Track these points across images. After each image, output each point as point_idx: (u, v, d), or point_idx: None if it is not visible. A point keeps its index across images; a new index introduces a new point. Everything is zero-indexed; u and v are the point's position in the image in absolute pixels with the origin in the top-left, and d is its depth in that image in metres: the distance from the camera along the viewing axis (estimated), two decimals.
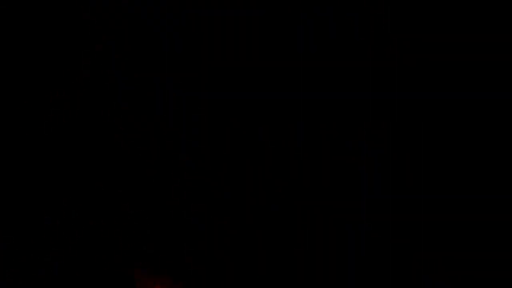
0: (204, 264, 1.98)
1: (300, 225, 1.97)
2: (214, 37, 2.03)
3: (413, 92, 1.99)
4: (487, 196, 1.94)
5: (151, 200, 2.02)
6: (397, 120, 1.99)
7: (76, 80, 2.00)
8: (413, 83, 1.99)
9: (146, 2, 2.03)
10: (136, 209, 2.02)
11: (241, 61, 2.03)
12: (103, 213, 2.01)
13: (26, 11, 2.00)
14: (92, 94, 2.02)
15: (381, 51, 2.00)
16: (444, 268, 1.92)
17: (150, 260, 1.99)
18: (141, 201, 2.02)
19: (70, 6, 2.03)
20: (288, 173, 2.00)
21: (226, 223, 1.99)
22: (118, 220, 2.01)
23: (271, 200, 1.99)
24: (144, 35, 2.04)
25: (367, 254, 1.94)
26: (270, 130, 2.02)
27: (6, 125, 2.02)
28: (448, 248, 1.93)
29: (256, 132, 2.02)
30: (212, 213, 2.00)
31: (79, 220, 2.01)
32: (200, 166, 2.02)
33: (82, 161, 2.03)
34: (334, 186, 1.98)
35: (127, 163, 2.03)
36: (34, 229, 2.00)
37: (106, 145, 2.02)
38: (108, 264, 2.00)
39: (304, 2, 2.01)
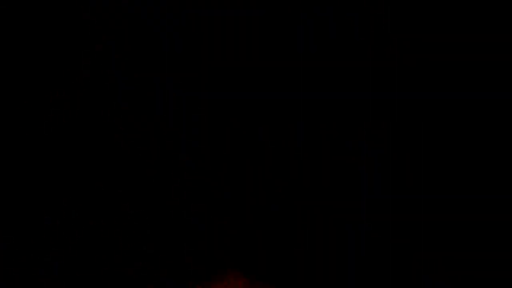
0: (204, 264, 1.98)
1: (300, 225, 1.97)
2: (214, 37, 2.03)
3: (413, 92, 1.99)
4: (487, 196, 1.94)
5: (151, 200, 2.02)
6: (397, 120, 1.99)
7: (76, 80, 2.00)
8: (413, 83, 1.99)
9: (146, 2, 2.03)
10: (136, 209, 2.02)
11: (241, 61, 2.03)
12: (103, 213, 2.01)
13: (27, 11, 2.00)
14: (92, 94, 2.02)
15: (381, 51, 2.00)
16: (444, 268, 1.92)
17: (150, 260, 1.99)
18: (141, 201, 2.02)
19: (70, 6, 2.03)
20: (288, 173, 2.00)
21: (226, 223, 1.99)
22: (118, 220, 2.01)
23: (271, 200, 1.99)
24: (144, 35, 2.04)
25: (367, 254, 1.94)
26: (270, 130, 2.02)
27: (6, 125, 2.03)
28: (448, 248, 1.93)
29: (256, 132, 2.02)
30: (212, 213, 2.00)
31: (79, 220, 2.01)
32: (200, 166, 2.02)
33: (82, 161, 2.03)
34: (334, 186, 1.99)
35: (127, 163, 2.03)
36: (34, 229, 2.00)
37: (106, 145, 2.02)
38: (108, 264, 2.00)
39: (304, 2, 2.01)
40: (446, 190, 1.95)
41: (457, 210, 1.94)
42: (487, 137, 1.96)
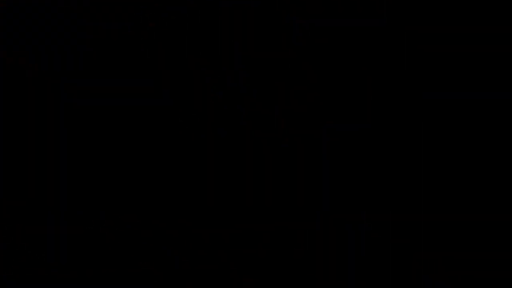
0: (204, 264, 1.98)
1: (300, 225, 1.97)
2: None
3: (413, 92, 1.99)
4: (487, 196, 1.94)
5: (151, 200, 2.02)
6: (397, 120, 1.99)
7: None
8: (413, 84, 1.99)
9: None
10: (136, 209, 2.02)
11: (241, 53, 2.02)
12: (103, 213, 2.02)
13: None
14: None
15: (382, 47, 2.00)
16: (444, 268, 1.92)
17: (149, 261, 1.99)
18: (143, 202, 2.02)
19: None
20: (288, 173, 2.00)
21: (226, 223, 1.99)
22: (117, 221, 2.01)
23: (271, 199, 1.99)
24: None
25: (367, 254, 1.94)
26: (270, 130, 2.01)
27: None
28: (448, 248, 1.93)
29: (256, 132, 2.02)
30: (212, 213, 2.00)
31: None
32: (201, 165, 2.02)
33: None
34: (334, 186, 1.98)
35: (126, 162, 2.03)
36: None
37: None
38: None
39: None
40: (446, 190, 1.95)
41: (457, 210, 1.94)
42: (486, 137, 1.96)
